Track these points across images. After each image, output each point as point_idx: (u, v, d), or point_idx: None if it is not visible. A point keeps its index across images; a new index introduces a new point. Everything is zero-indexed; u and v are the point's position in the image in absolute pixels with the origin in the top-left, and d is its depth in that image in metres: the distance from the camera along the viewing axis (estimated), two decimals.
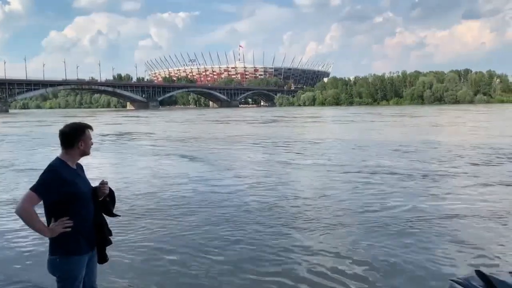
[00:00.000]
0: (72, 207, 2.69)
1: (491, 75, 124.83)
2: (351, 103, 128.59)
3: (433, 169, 11.52)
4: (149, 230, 6.26)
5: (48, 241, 2.76)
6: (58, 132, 2.81)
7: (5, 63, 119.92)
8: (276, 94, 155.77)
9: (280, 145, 19.32)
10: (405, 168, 11.58)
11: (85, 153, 2.84)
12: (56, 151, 2.83)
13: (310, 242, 5.68)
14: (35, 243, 5.56)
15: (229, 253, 5.29)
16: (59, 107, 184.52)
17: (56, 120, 50.23)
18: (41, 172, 2.67)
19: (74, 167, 2.80)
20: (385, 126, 33.28)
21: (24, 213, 2.58)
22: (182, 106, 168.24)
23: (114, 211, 3.04)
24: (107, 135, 26.54)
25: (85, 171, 2.97)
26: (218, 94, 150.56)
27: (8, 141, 23.51)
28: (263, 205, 7.68)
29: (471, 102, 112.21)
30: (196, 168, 12.76)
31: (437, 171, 11.16)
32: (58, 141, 2.79)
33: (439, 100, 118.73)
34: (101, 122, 43.91)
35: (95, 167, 11.98)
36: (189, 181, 10.38)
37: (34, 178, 2.67)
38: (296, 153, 16.06)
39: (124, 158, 15.30)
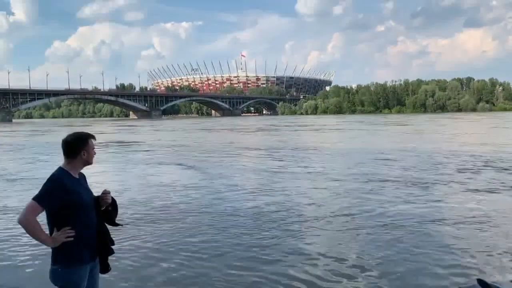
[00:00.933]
0: (74, 216, 2.69)
1: (493, 83, 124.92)
2: (353, 112, 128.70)
3: (416, 175, 11.70)
4: (142, 237, 6.31)
5: (50, 250, 2.75)
6: (61, 141, 2.82)
7: (9, 72, 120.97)
8: (278, 103, 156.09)
9: (270, 153, 19.65)
10: (388, 175, 11.80)
11: (88, 162, 2.84)
12: (46, 159, 2.85)
13: (299, 245, 5.80)
14: (36, 253, 5.56)
15: (220, 257, 5.40)
16: (62, 117, 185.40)
17: (54, 130, 50.84)
18: (31, 180, 2.68)
19: (77, 176, 2.81)
20: (370, 134, 33.80)
21: (27, 223, 2.58)
22: (184, 115, 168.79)
23: (116, 220, 3.04)
24: (102, 144, 26.55)
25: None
26: (221, 103, 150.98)
27: (3, 150, 23.58)
28: (253, 211, 7.84)
29: (473, 110, 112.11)
30: (188, 176, 12.90)
31: (420, 178, 11.31)
32: (51, 150, 2.80)
33: (441, 108, 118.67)
34: (98, 132, 44.16)
35: (88, 176, 11.98)
36: (181, 188, 10.50)
37: (26, 187, 2.70)
38: (284, 161, 16.30)
39: (116, 166, 15.34)
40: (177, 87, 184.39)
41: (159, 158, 18.43)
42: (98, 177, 12.23)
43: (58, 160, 2.76)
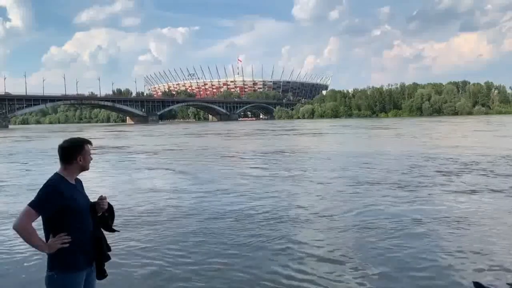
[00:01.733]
0: (70, 222, 2.68)
1: (489, 86, 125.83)
2: (350, 116, 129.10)
3: (398, 178, 11.87)
4: (134, 241, 6.33)
5: (46, 256, 2.72)
6: (57, 147, 2.80)
7: (5, 78, 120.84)
8: (275, 107, 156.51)
9: (254, 157, 19.89)
10: (370, 178, 12.01)
11: (84, 168, 2.83)
12: (35, 166, 2.81)
13: (284, 246, 5.94)
14: (31, 259, 5.50)
15: (208, 260, 5.48)
16: (59, 122, 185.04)
17: (45, 136, 50.96)
18: (19, 187, 2.64)
19: (73, 182, 2.79)
20: (355, 138, 34.28)
21: (22, 229, 2.56)
22: (181, 119, 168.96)
23: (113, 226, 3.02)
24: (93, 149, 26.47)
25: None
26: (217, 108, 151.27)
27: None
28: (240, 214, 7.98)
29: (469, 113, 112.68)
30: (176, 180, 12.98)
31: (402, 180, 11.47)
32: (41, 156, 2.76)
33: (437, 111, 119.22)
34: (87, 137, 44.08)
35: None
36: (169, 193, 10.60)
37: (13, 193, 2.64)
38: (267, 165, 16.47)
39: (104, 172, 15.27)
40: (174, 92, 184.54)
41: (147, 163, 18.56)
42: (85, 182, 12.19)
43: (46, 166, 2.73)
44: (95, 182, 12.13)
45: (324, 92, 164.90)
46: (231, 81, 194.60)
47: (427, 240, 6.06)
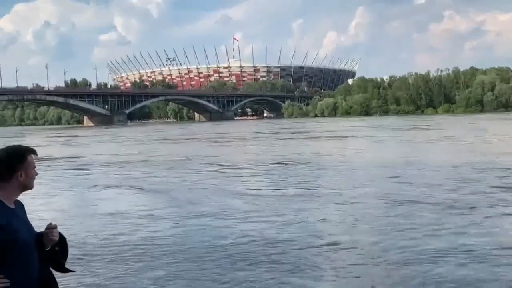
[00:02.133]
0: (8, 260, 2.68)
1: None
2: (385, 112, 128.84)
3: (445, 196, 11.98)
4: (87, 280, 6.47)
5: None
6: None
7: None
8: (284, 102, 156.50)
9: (249, 169, 20.38)
10: (407, 196, 12.26)
11: (27, 186, 2.85)
12: None
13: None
14: None
15: None
16: None
17: None
18: None
19: (12, 206, 2.81)
20: (386, 143, 34.75)
21: None
22: (158, 120, 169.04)
23: (67, 264, 3.04)
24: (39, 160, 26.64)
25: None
26: (206, 103, 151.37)
27: None
28: (229, 246, 8.15)
29: None
30: (147, 202, 13.19)
31: (450, 199, 11.59)
32: None
33: (504, 106, 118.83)
34: (35, 145, 44.02)
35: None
36: (133, 218, 10.81)
37: None
38: (267, 179, 16.80)
39: (48, 190, 15.25)
40: (148, 83, 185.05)
41: (106, 178, 18.80)
42: (27, 206, 12.22)
43: None
44: (39, 205, 12.13)
45: (350, 81, 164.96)
46: (225, 68, 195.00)
47: (486, 284, 6.10)
